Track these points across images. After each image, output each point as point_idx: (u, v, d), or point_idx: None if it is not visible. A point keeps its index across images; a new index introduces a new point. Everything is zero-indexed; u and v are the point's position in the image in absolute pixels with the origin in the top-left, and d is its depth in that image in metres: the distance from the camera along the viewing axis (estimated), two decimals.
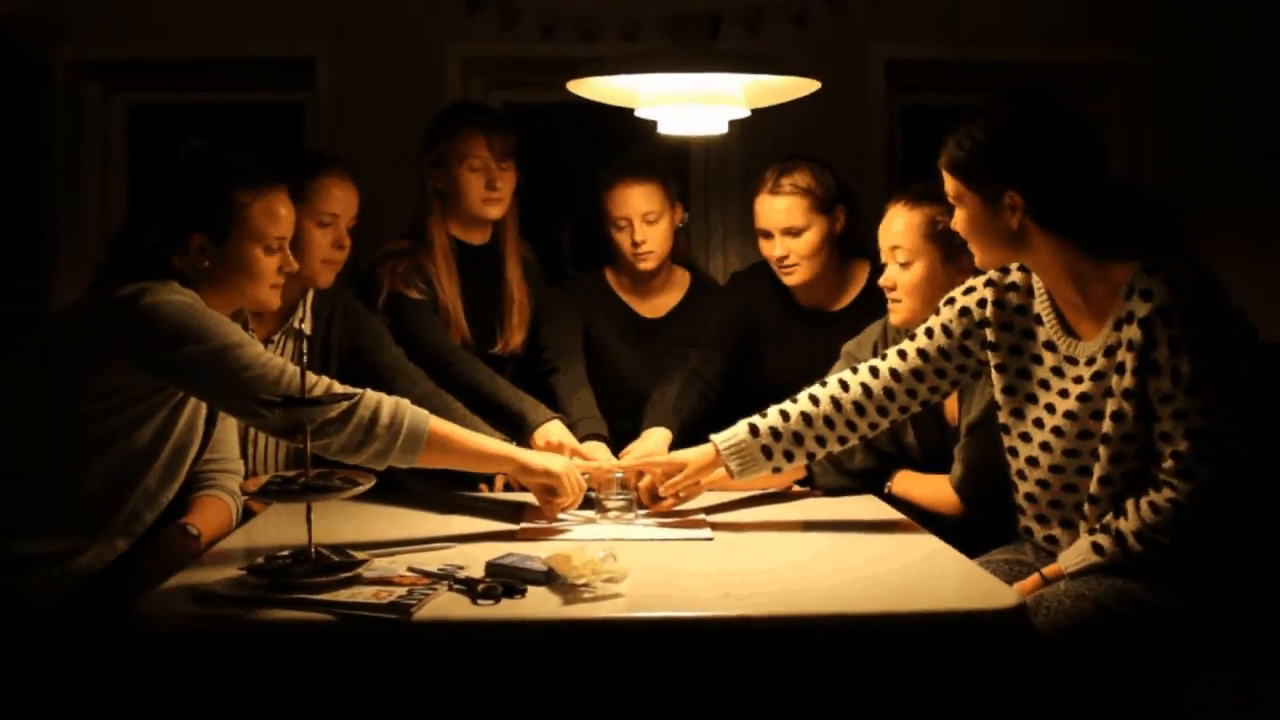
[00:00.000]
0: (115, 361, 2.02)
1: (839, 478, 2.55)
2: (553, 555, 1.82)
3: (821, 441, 2.28)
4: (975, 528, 2.30)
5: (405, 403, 2.11)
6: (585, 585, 1.77)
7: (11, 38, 3.43)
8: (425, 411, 2.13)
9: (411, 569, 1.86)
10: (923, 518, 2.36)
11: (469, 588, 1.77)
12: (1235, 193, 3.56)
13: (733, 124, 2.56)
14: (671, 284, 3.12)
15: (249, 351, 2.02)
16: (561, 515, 2.29)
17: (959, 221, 2.07)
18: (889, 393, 2.26)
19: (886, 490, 2.54)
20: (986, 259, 2.08)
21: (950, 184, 2.05)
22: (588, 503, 2.33)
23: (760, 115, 2.55)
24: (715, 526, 2.26)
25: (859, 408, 2.26)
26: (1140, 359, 1.91)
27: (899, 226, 2.45)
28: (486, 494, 2.62)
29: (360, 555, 1.86)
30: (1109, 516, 1.97)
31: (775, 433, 2.28)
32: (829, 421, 2.27)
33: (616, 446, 2.64)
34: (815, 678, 1.82)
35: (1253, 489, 1.97)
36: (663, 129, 2.51)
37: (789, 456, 2.28)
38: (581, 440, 2.59)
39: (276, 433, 2.09)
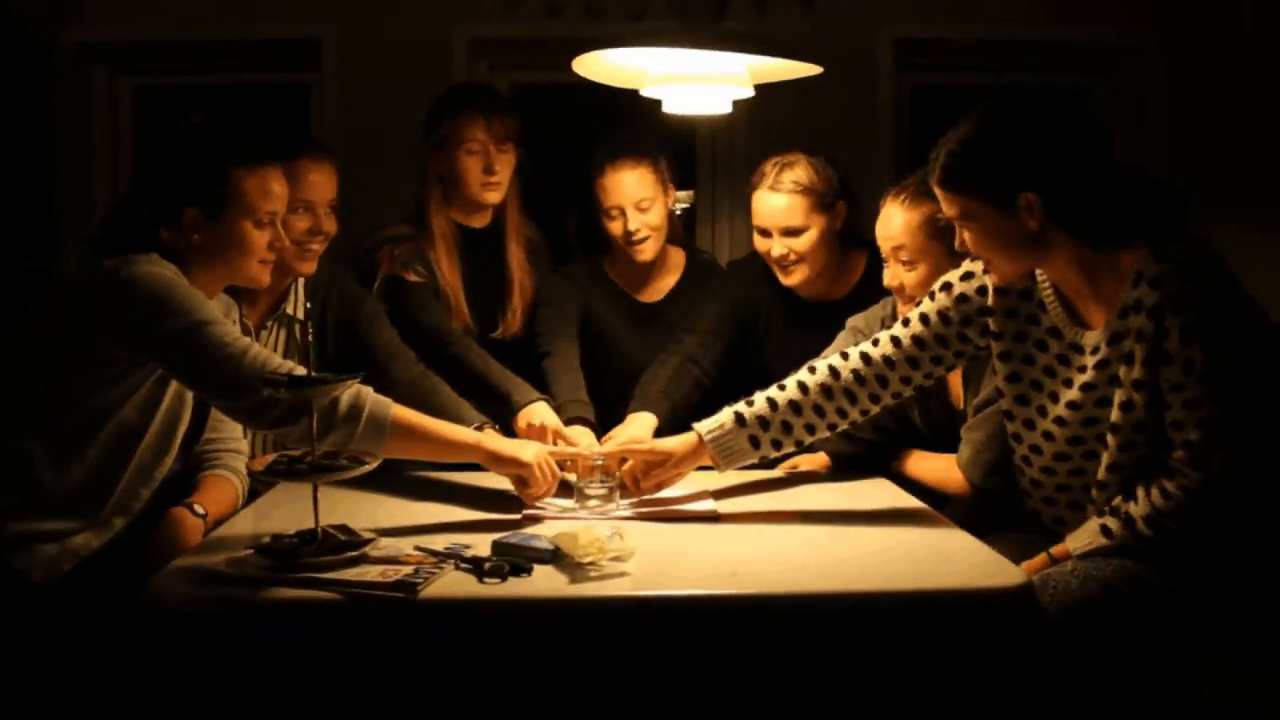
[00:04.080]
0: (99, 335, 2.02)
1: (845, 444, 2.52)
2: (559, 534, 1.82)
3: (811, 429, 2.25)
4: (982, 508, 2.29)
5: (367, 391, 2.07)
6: (591, 564, 1.77)
7: (18, 20, 3.43)
8: (388, 400, 2.09)
9: (418, 548, 1.87)
10: (930, 498, 2.35)
11: (475, 566, 1.77)
12: (1245, 175, 3.54)
13: (739, 104, 2.54)
14: (668, 267, 3.04)
15: (218, 330, 2.00)
16: (538, 504, 2.23)
17: (973, 242, 1.97)
18: (881, 379, 2.23)
19: (894, 470, 2.53)
20: (1010, 270, 2.00)
21: (954, 204, 1.96)
22: (569, 489, 2.26)
23: (767, 95, 2.52)
24: (722, 507, 2.25)
25: (850, 395, 2.23)
26: (1150, 349, 1.88)
27: (899, 227, 2.39)
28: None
29: (366, 534, 1.86)
30: (1119, 499, 1.96)
31: (763, 421, 2.24)
32: (818, 409, 2.24)
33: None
34: (823, 656, 1.83)
35: (1264, 475, 1.95)
36: (668, 109, 2.48)
37: (777, 445, 2.25)
38: (566, 424, 2.55)
39: (239, 416, 2.06)
